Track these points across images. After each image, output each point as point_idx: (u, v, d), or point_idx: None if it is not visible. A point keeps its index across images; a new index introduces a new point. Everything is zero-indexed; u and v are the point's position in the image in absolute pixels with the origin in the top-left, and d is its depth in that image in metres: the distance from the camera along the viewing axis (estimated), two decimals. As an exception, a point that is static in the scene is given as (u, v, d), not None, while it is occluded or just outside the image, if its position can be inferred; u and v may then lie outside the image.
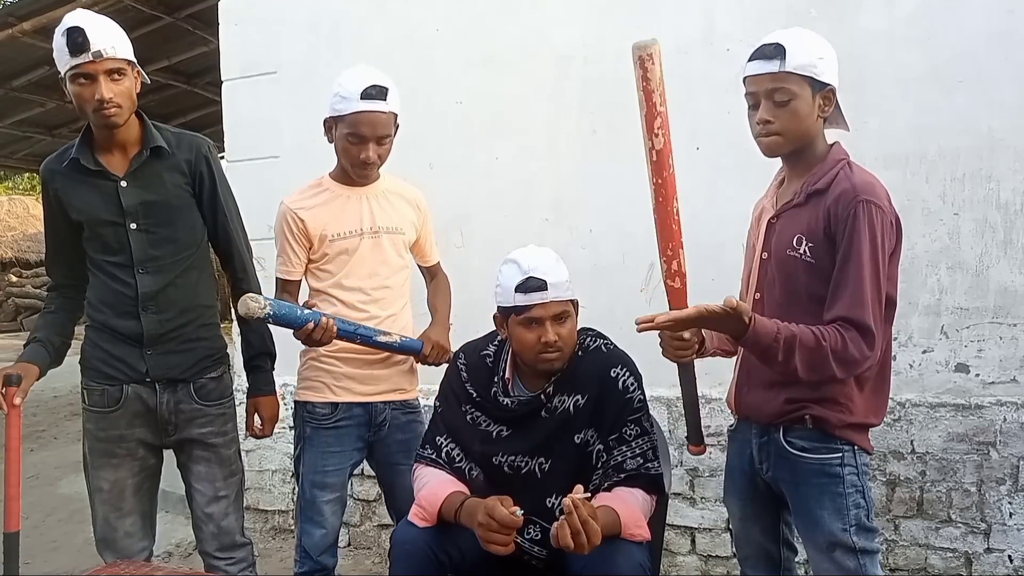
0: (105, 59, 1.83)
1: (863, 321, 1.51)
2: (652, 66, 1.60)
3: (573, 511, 1.52)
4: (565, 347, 1.81)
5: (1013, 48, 2.59)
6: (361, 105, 1.95)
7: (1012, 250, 2.64)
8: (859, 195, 1.54)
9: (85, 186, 1.97)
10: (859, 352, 1.51)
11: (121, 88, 1.88)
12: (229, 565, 2.10)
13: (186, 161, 2.02)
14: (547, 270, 1.77)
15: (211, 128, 6.30)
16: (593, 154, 3.03)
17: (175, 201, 2.00)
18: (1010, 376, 2.66)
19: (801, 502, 1.66)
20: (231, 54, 3.56)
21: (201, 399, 2.05)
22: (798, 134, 1.62)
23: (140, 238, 1.97)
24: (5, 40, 4.66)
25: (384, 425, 2.14)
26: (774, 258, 1.68)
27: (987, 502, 2.66)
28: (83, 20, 1.84)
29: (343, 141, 2.01)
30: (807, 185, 1.63)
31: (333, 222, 2.08)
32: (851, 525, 1.60)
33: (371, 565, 3.28)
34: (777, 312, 1.66)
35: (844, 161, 1.63)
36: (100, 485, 2.05)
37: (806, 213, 1.62)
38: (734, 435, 1.85)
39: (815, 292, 1.60)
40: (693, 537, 2.99)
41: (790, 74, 1.56)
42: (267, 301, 1.87)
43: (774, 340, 1.52)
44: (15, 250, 16.26)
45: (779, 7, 2.76)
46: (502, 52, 3.13)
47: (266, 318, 1.88)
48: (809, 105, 1.59)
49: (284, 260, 2.12)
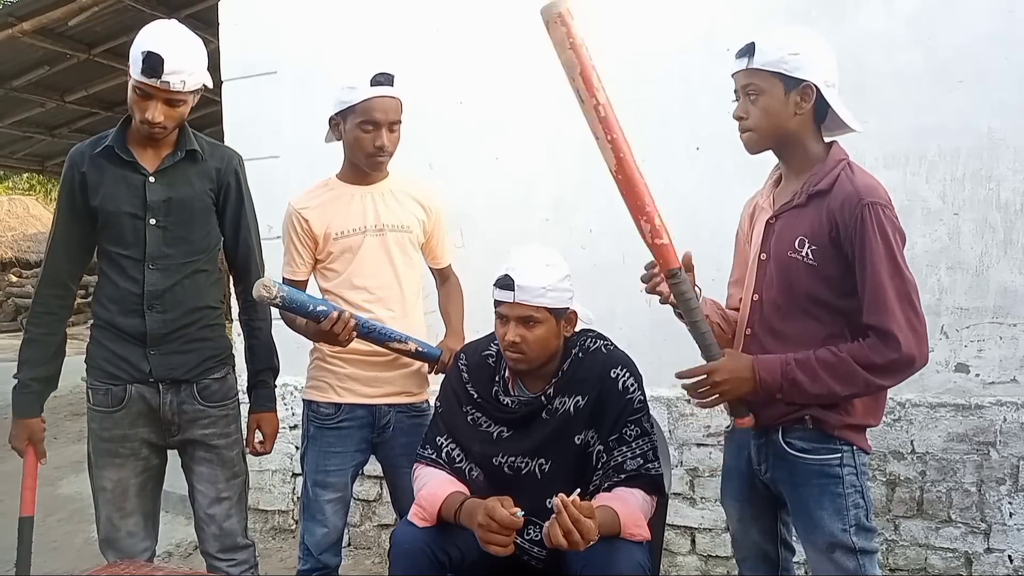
0: (167, 88, 1.85)
1: (880, 324, 1.50)
2: (572, 21, 1.56)
3: (563, 510, 1.53)
4: (528, 351, 1.79)
5: (1013, 48, 2.59)
6: (373, 91, 1.98)
7: (1012, 250, 2.64)
8: (864, 198, 1.52)
9: (113, 175, 1.98)
10: (879, 356, 1.50)
11: (175, 113, 1.91)
12: (231, 567, 2.09)
13: (216, 169, 2.05)
14: (523, 271, 1.77)
15: (211, 128, 6.28)
16: (593, 154, 3.00)
17: (197, 204, 2.02)
18: (1010, 376, 2.66)
19: (800, 503, 1.66)
20: (231, 54, 3.56)
21: (204, 400, 2.04)
22: (769, 130, 1.62)
23: (156, 234, 1.98)
24: (5, 40, 4.66)
25: (388, 427, 2.14)
26: (773, 260, 1.67)
27: (987, 502, 2.66)
28: (166, 46, 1.83)
29: (355, 132, 2.02)
30: (808, 185, 1.62)
31: (336, 220, 2.08)
32: (851, 525, 1.59)
33: (371, 565, 3.28)
34: (775, 313, 1.65)
35: (844, 161, 1.62)
36: (103, 485, 2.05)
37: (808, 214, 1.61)
38: (731, 436, 1.85)
39: (815, 295, 1.60)
40: (693, 537, 2.99)
41: (758, 71, 1.58)
42: (280, 287, 1.86)
43: (785, 363, 1.53)
44: (15, 250, 16.26)
45: (779, 7, 2.76)
46: (502, 52, 3.13)
47: (280, 304, 1.87)
48: (779, 102, 1.58)
49: (289, 260, 2.13)
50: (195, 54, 1.90)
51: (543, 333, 1.79)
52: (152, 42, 1.83)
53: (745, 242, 1.85)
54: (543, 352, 1.82)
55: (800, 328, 1.62)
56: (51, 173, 10.51)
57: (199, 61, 1.91)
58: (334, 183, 2.14)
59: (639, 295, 3.02)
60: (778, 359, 1.57)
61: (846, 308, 1.58)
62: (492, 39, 3.14)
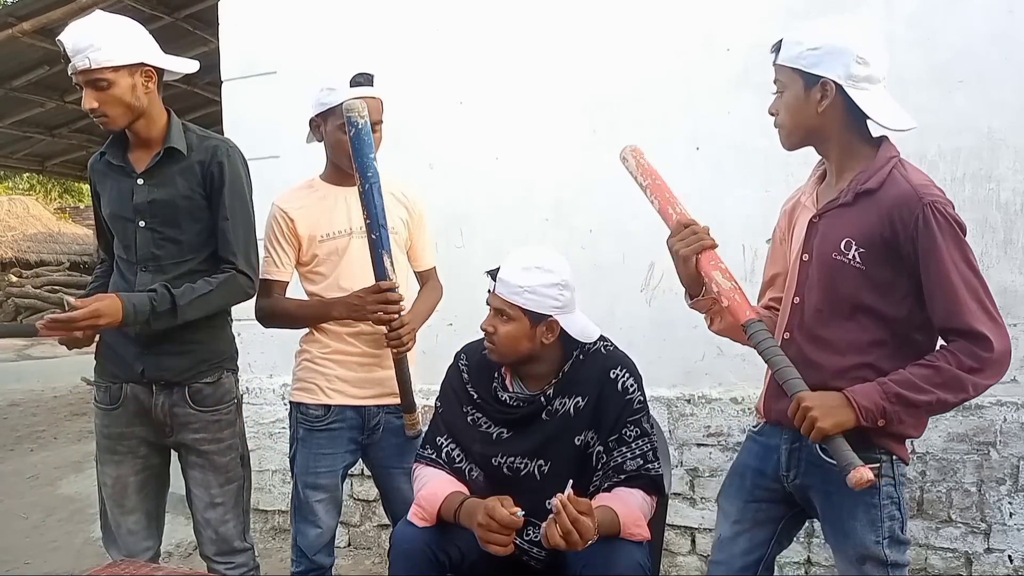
0: (81, 71, 1.81)
1: (966, 326, 1.43)
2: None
3: (561, 510, 1.53)
4: (498, 344, 1.81)
5: (1013, 48, 2.59)
6: (352, 92, 1.97)
7: (1012, 250, 2.64)
8: (924, 198, 1.44)
9: (111, 181, 2.01)
10: (973, 358, 1.42)
11: (108, 96, 1.85)
12: (229, 569, 2.08)
13: (199, 163, 1.98)
14: (509, 267, 1.79)
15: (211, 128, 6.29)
16: (593, 154, 3.03)
17: (181, 203, 1.97)
18: (1010, 376, 2.66)
19: (833, 511, 1.59)
20: (231, 54, 3.56)
21: (196, 404, 2.01)
22: (794, 127, 1.59)
23: (145, 236, 1.97)
24: (5, 40, 4.66)
25: (378, 428, 2.13)
26: (816, 261, 1.58)
27: (987, 502, 2.66)
28: (69, 30, 1.81)
29: (336, 133, 2.01)
30: (855, 184, 1.53)
31: (322, 222, 2.08)
32: (884, 537, 1.53)
33: (371, 565, 3.28)
34: (816, 318, 1.58)
35: (895, 159, 1.53)
36: (105, 481, 2.07)
37: (855, 214, 1.52)
38: (756, 437, 1.76)
39: (861, 300, 1.52)
40: (693, 537, 2.99)
41: (781, 67, 1.57)
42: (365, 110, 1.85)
43: (881, 385, 1.44)
44: (15, 250, 16.27)
45: (779, 7, 2.76)
46: (502, 52, 3.13)
47: (359, 125, 1.84)
48: (800, 98, 1.54)
49: (273, 260, 2.10)
50: (99, 31, 1.82)
51: (512, 331, 1.79)
52: (63, 33, 1.82)
53: (782, 240, 1.78)
54: (511, 349, 1.81)
55: (841, 334, 1.55)
56: (51, 173, 10.52)
57: (105, 37, 1.82)
58: (318, 184, 2.14)
59: (639, 295, 3.05)
60: (869, 384, 1.46)
61: (892, 315, 1.51)
62: (492, 39, 3.14)
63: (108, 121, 1.89)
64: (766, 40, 1.65)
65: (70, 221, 19.11)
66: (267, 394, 3.51)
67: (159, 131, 1.97)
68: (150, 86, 1.92)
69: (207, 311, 1.95)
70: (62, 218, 19.16)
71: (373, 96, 2.01)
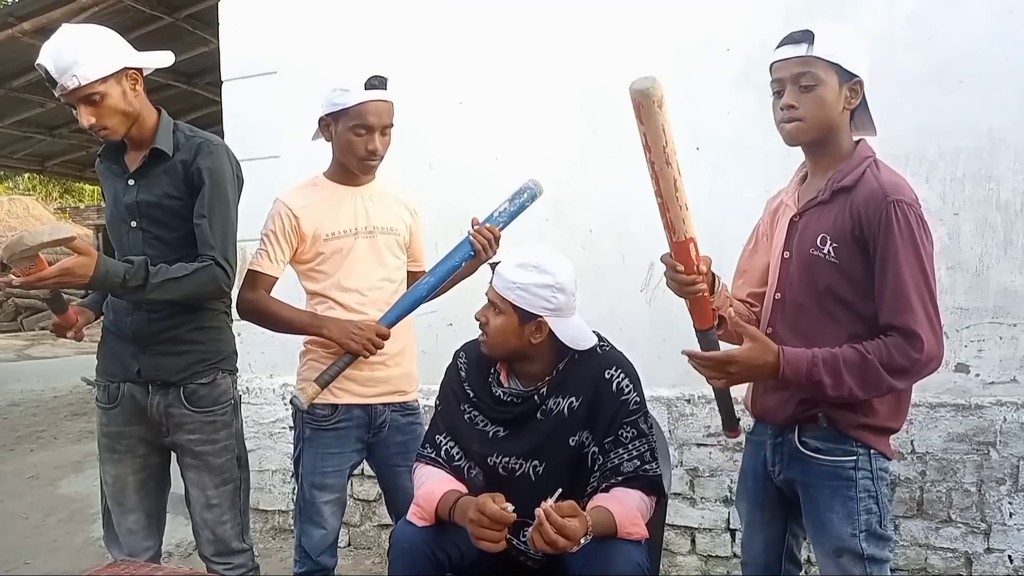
0: (71, 91, 1.80)
1: (905, 325, 1.46)
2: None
3: (544, 520, 1.52)
4: (489, 335, 1.83)
5: (1013, 48, 2.59)
6: (366, 95, 1.97)
7: (1012, 250, 2.64)
8: (889, 196, 1.49)
9: (108, 182, 2.04)
10: (905, 358, 1.46)
11: (102, 109, 1.84)
12: (227, 570, 2.08)
13: (182, 163, 1.95)
14: (509, 263, 1.81)
15: (211, 128, 6.28)
16: (593, 154, 3.03)
17: (168, 203, 1.95)
18: (1010, 376, 2.66)
19: (811, 504, 1.62)
20: (231, 54, 3.56)
21: (191, 405, 2.00)
22: (820, 122, 1.57)
23: (136, 236, 1.98)
24: (5, 40, 4.66)
25: (384, 427, 2.14)
26: (796, 257, 1.63)
27: (987, 502, 2.66)
28: (45, 54, 1.77)
29: (347, 135, 2.01)
30: (832, 182, 1.59)
31: (327, 221, 2.07)
32: (860, 531, 1.56)
33: (371, 565, 3.28)
34: (796, 313, 1.62)
35: (871, 159, 1.59)
36: (105, 479, 2.07)
37: (831, 211, 1.57)
38: (750, 437, 1.82)
39: (837, 294, 1.56)
40: (693, 537, 2.99)
41: (817, 59, 1.53)
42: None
43: (811, 364, 1.48)
44: (15, 250, 16.25)
45: (779, 7, 2.76)
46: (502, 52, 3.13)
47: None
48: (835, 93, 1.55)
49: (264, 254, 2.07)
50: (77, 46, 1.79)
51: (501, 324, 1.80)
52: (40, 57, 1.78)
53: (764, 236, 1.81)
54: (500, 343, 1.82)
55: (821, 328, 1.58)
56: (51, 173, 10.51)
57: (85, 50, 1.79)
58: (323, 182, 2.13)
59: (639, 295, 3.04)
60: (806, 359, 1.50)
61: (866, 312, 1.54)
62: (492, 39, 3.14)
63: (109, 132, 1.89)
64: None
65: (70, 221, 19.07)
66: (267, 394, 3.51)
67: (149, 131, 1.97)
68: (137, 88, 1.92)
69: (177, 296, 1.89)
70: (62, 218, 19.13)
71: (386, 100, 2.01)
